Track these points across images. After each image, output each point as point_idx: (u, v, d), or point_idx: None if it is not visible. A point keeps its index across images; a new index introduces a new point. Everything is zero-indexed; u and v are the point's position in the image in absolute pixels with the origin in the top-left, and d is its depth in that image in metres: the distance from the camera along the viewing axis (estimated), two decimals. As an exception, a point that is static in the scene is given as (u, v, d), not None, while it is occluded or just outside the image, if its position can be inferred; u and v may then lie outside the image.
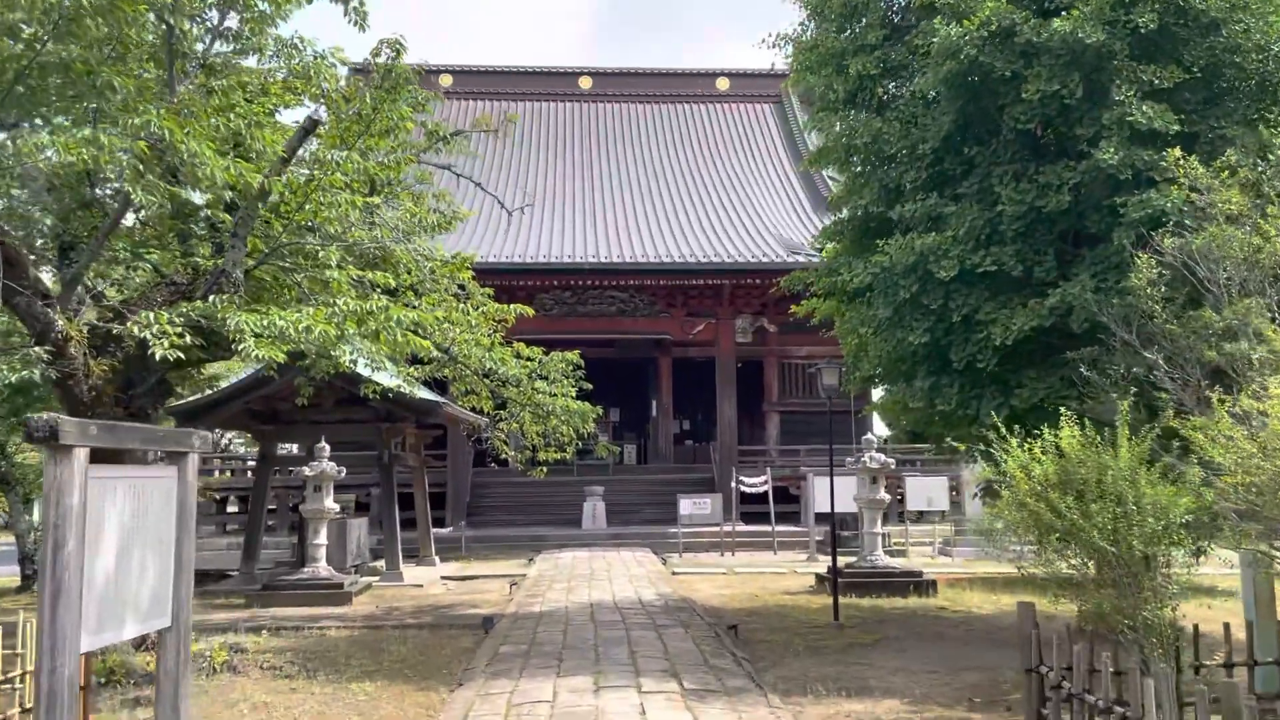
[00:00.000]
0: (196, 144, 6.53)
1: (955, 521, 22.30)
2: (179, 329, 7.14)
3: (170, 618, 5.27)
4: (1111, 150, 8.57)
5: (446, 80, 34.26)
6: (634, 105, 34.91)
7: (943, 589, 14.23)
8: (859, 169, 10.98)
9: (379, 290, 10.64)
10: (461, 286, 11.94)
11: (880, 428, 30.97)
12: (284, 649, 9.61)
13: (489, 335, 11.89)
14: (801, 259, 23.19)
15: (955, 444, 13.76)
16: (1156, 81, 8.85)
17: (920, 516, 26.67)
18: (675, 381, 28.88)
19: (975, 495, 17.24)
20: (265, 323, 7.52)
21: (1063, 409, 7.37)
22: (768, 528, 22.67)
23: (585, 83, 35.51)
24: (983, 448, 13.33)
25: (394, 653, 9.38)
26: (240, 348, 7.25)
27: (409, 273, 11.03)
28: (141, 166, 6.65)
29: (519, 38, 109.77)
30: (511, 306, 11.62)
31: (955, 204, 9.54)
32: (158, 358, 6.92)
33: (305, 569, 14.03)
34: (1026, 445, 6.93)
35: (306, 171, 8.99)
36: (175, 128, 6.43)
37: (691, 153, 32.22)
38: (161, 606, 5.17)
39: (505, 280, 23.12)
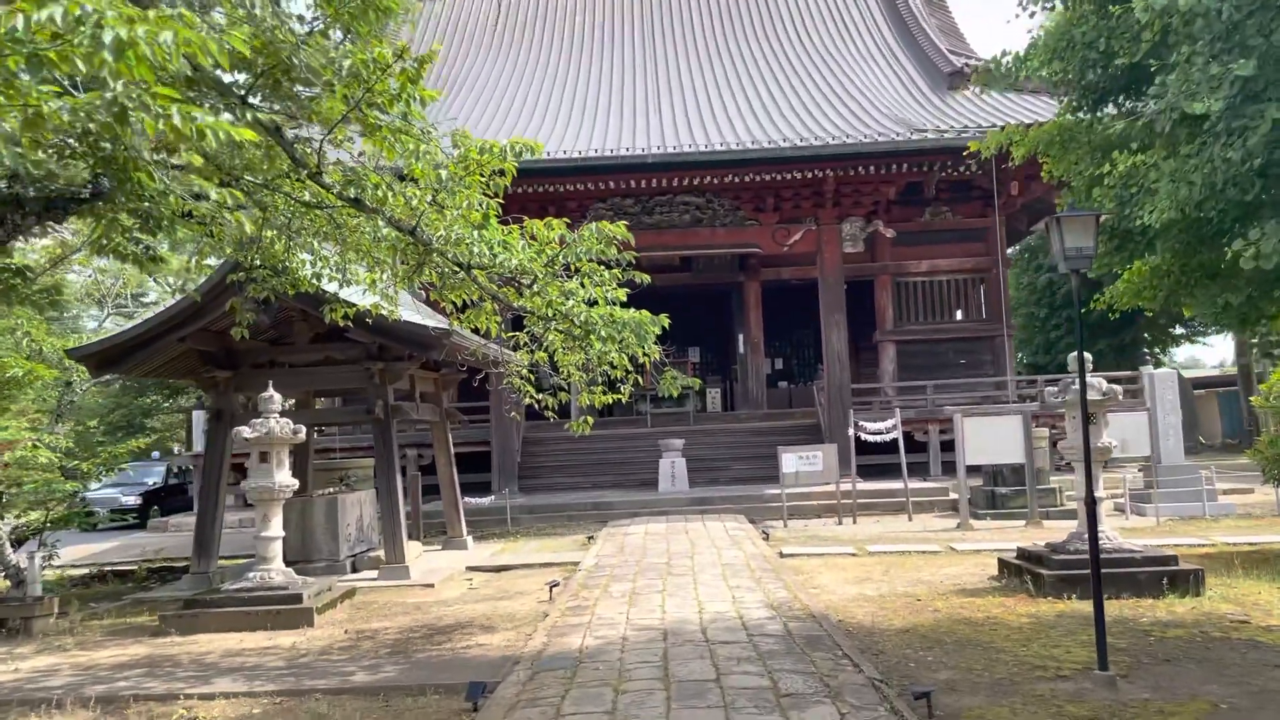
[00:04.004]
0: None
1: (1147, 470, 16.99)
2: None
3: None
4: None
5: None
6: (702, -14, 29.51)
7: (1208, 579, 9.18)
8: None
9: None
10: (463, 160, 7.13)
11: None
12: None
13: (479, 207, 7.20)
14: (931, 136, 17.92)
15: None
16: None
17: (1067, 461, 21.41)
18: (765, 311, 23.94)
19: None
20: None
21: None
22: (892, 484, 17.75)
23: (644, -37, 30.21)
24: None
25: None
26: None
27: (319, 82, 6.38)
28: None
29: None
30: (505, 144, 6.84)
31: None
32: None
33: (252, 573, 9.69)
34: None
35: None
36: None
37: (775, 32, 26.79)
38: None
39: (550, 184, 18.42)
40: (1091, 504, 6.36)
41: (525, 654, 7.18)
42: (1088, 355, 9.40)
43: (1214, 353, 69.50)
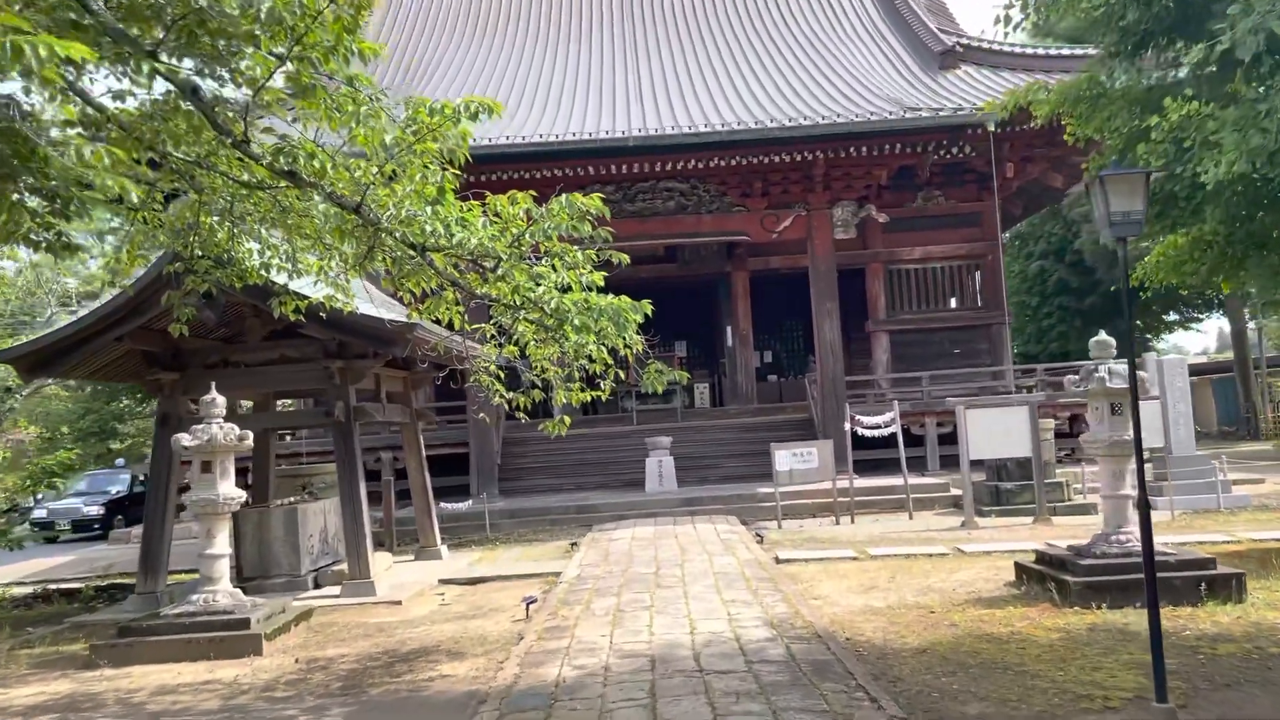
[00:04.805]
0: None
1: (1157, 461, 16.22)
2: None
3: None
4: None
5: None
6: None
7: (1249, 584, 8.37)
8: None
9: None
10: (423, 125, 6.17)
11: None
12: None
13: (434, 180, 6.31)
14: (925, 113, 17.10)
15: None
16: None
17: (1071, 452, 20.68)
18: (754, 303, 23.06)
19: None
20: None
21: None
22: (889, 481, 16.97)
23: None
24: None
25: None
26: None
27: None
28: None
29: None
30: (459, 103, 5.95)
31: None
32: None
33: (195, 595, 8.76)
34: None
35: None
36: None
37: (759, 14, 25.89)
38: None
39: (524, 170, 17.45)
40: (1145, 508, 5.50)
41: (493, 689, 6.29)
42: (1116, 336, 8.57)
43: (1200, 340, 68.93)
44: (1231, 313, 32.55)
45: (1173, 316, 40.26)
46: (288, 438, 19.48)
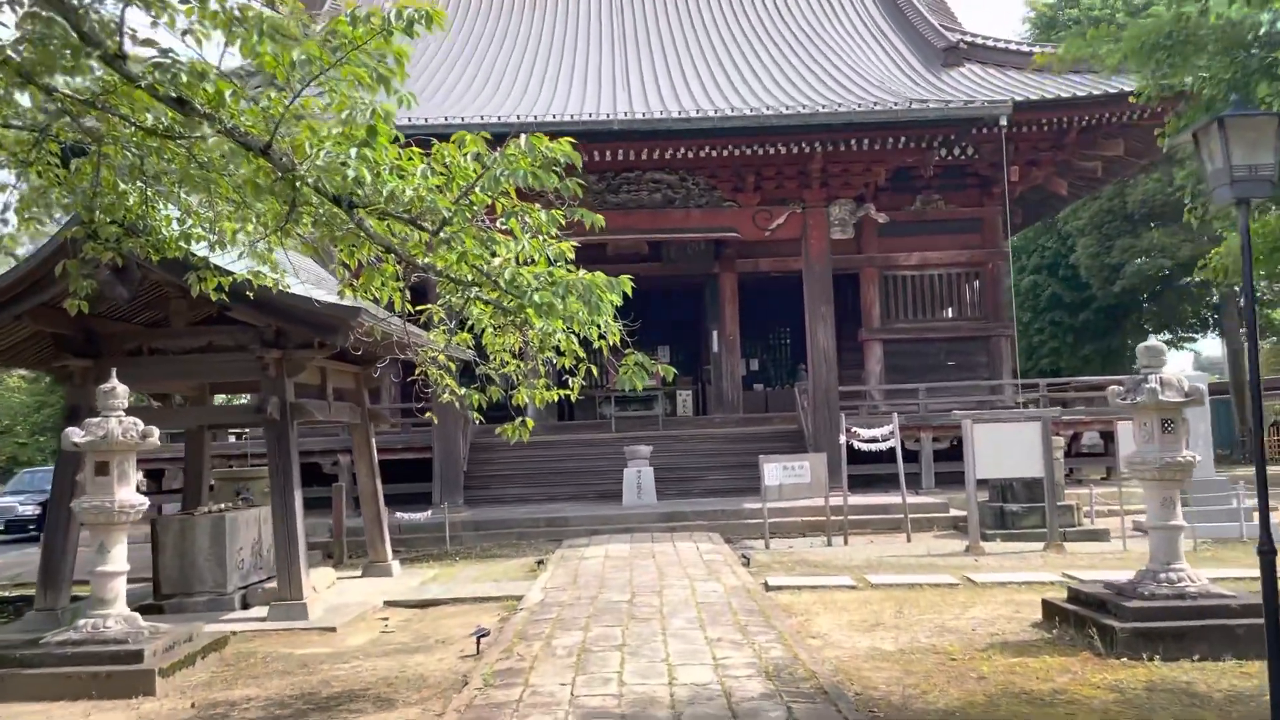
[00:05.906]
0: None
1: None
2: None
3: None
4: None
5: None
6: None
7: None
8: None
9: None
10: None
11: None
12: None
13: (361, 114, 4.99)
14: (933, 105, 15.95)
15: None
16: None
17: (1070, 472, 19.57)
18: (741, 307, 21.84)
19: None
20: None
21: None
22: (883, 499, 15.81)
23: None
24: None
25: None
26: None
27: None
28: None
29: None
30: (390, 9, 4.67)
31: None
32: None
33: (84, 620, 7.39)
34: None
35: None
36: None
37: (753, 6, 24.76)
38: None
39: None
40: (1270, 552, 4.26)
41: (419, 760, 4.97)
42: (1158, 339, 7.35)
43: (1178, 360, 67.53)
44: (1229, 334, 31.64)
45: (1165, 336, 39.43)
46: (231, 437, 18.10)
